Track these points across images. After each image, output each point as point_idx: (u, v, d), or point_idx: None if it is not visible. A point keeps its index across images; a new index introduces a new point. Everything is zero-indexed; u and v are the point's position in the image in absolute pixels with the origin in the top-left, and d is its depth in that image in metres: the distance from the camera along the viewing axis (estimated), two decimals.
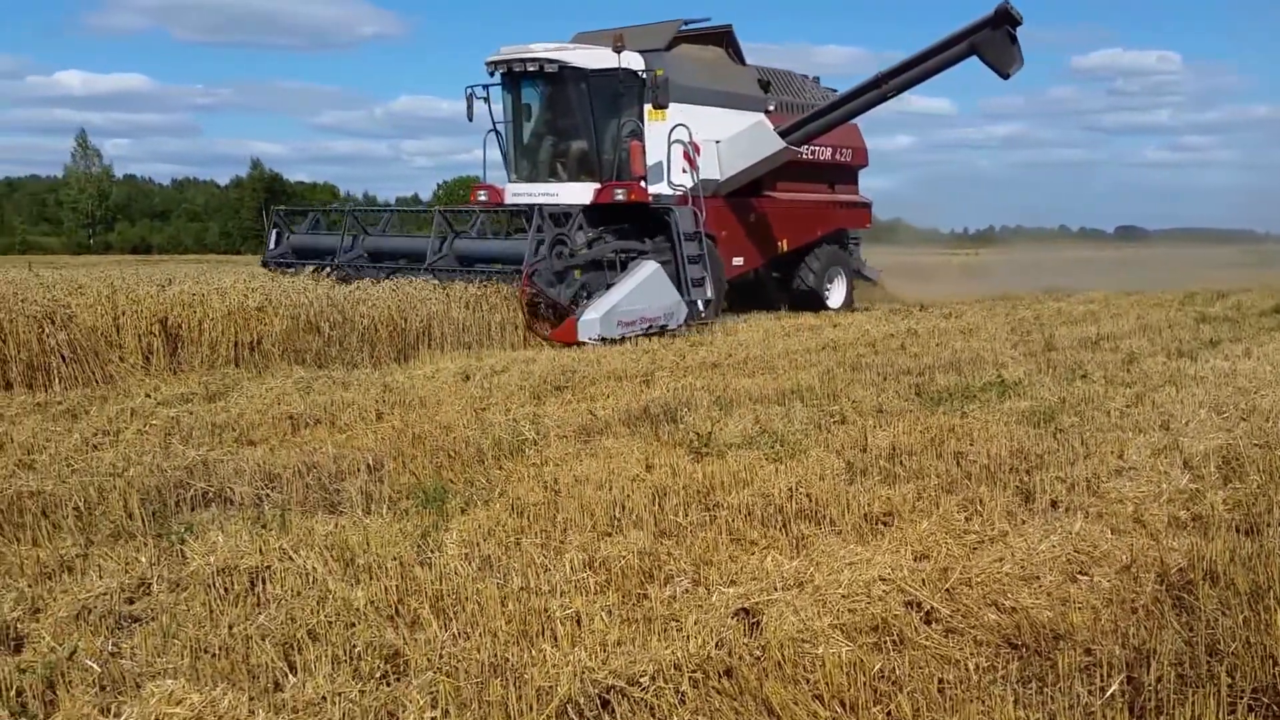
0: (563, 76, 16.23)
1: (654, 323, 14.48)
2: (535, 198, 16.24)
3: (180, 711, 3.35)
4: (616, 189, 15.88)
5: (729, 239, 17.83)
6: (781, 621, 4.01)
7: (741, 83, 18.71)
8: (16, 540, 5.27)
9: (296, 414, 8.29)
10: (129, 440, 7.52)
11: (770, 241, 18.96)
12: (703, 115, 17.18)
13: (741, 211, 18.28)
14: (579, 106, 16.50)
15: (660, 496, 5.73)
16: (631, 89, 16.27)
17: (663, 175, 16.59)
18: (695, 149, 16.86)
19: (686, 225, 15.96)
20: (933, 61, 16.43)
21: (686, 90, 16.87)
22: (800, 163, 18.94)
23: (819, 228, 20.05)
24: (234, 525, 5.25)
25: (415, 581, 4.51)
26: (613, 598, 4.36)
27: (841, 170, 20.82)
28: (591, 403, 8.84)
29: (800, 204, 19.56)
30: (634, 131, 16.37)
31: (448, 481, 6.31)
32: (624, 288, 14.25)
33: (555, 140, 17.21)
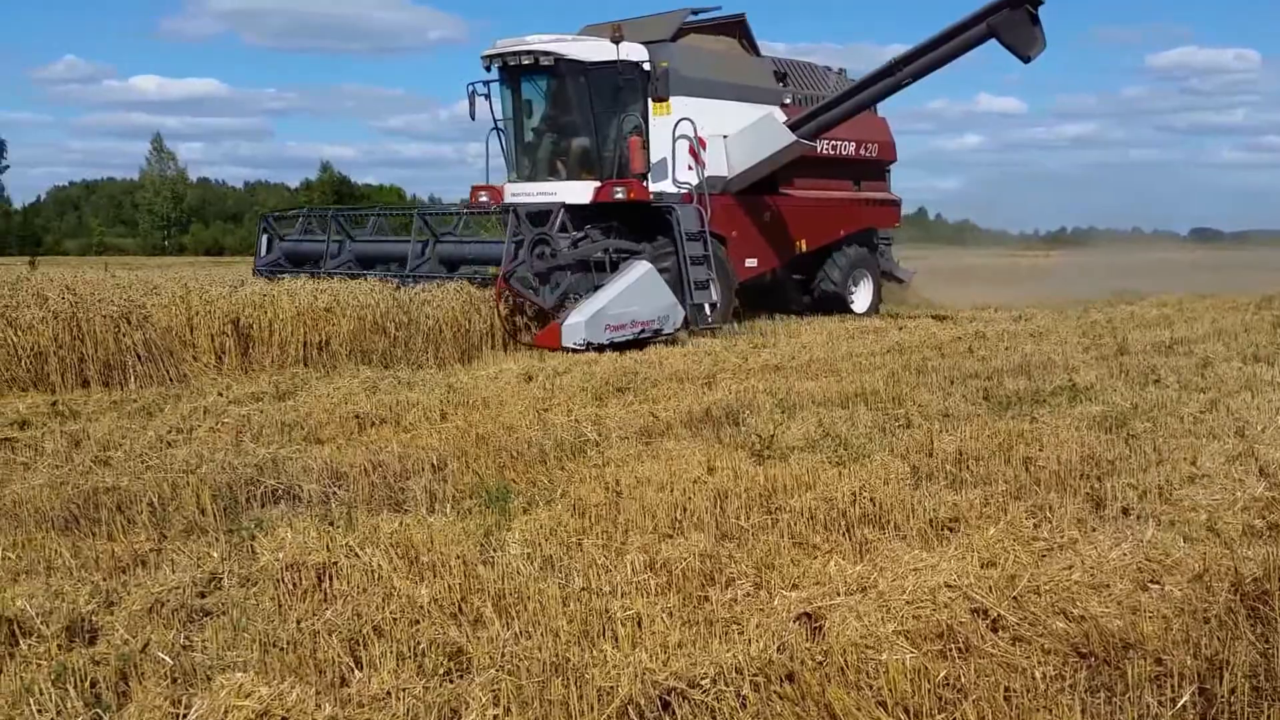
0: (559, 70, 15.66)
1: (647, 327, 13.61)
2: (533, 197, 15.68)
3: (249, 704, 3.41)
4: (616, 187, 15.25)
5: (741, 239, 16.93)
6: (844, 627, 3.97)
7: (755, 74, 17.73)
8: (93, 535, 5.40)
9: (363, 413, 8.40)
10: (202, 438, 7.69)
11: (787, 242, 17.94)
12: (712, 109, 16.36)
13: (754, 210, 17.27)
14: (578, 101, 15.87)
15: (722, 499, 5.71)
16: (632, 82, 15.55)
17: (667, 172, 15.86)
18: (701, 144, 16.07)
19: (690, 224, 15.27)
20: (949, 46, 15.31)
21: (693, 83, 16.12)
22: (820, 158, 18.05)
23: (842, 227, 18.98)
24: (302, 522, 5.34)
25: (478, 580, 4.55)
26: (674, 599, 4.36)
27: (867, 166, 19.69)
28: (653, 404, 8.85)
29: (821, 202, 18.50)
30: (635, 127, 15.67)
31: (510, 481, 6.36)
32: (612, 289, 13.36)
33: (555, 137, 16.59)
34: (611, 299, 13.17)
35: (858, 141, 19.06)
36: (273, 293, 12.02)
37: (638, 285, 13.56)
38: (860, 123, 18.48)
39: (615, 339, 13.01)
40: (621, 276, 13.60)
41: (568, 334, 12.64)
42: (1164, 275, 26.66)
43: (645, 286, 13.68)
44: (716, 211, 15.91)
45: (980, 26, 14.94)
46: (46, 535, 5.30)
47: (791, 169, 17.52)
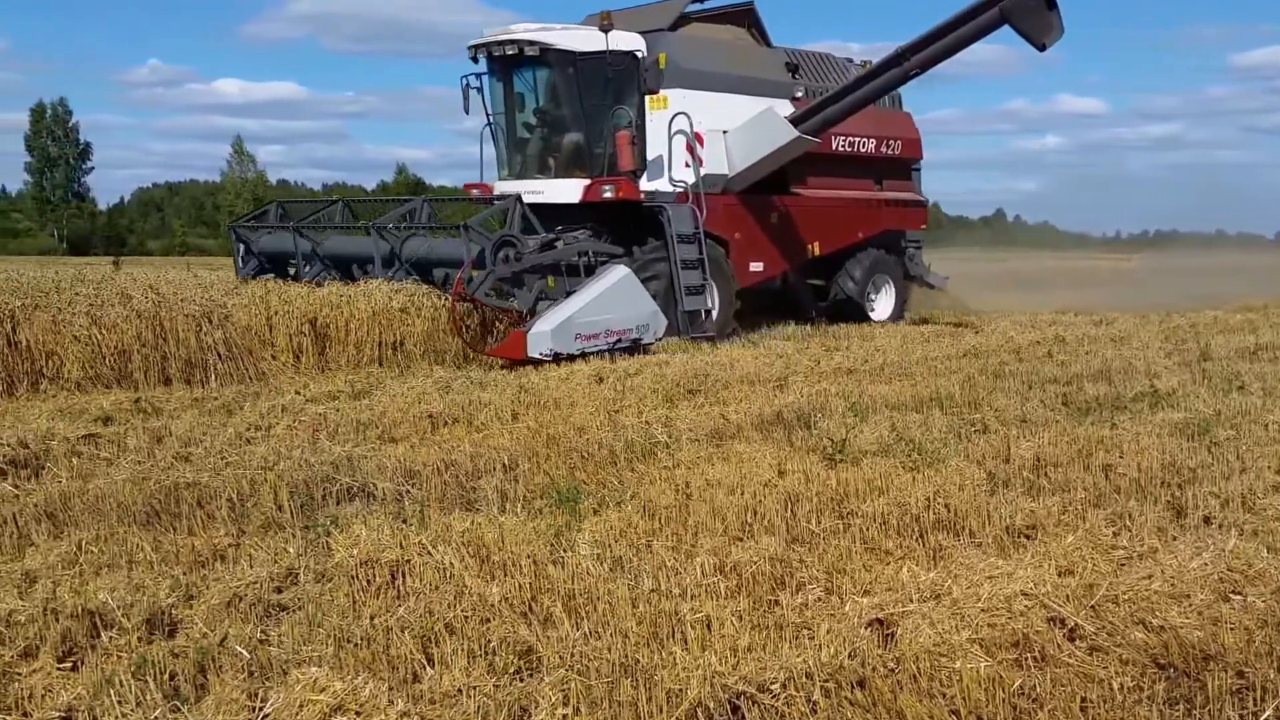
0: (547, 60, 14.70)
1: (623, 336, 12.54)
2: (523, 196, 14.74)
3: (324, 699, 3.47)
4: (604, 186, 14.35)
5: (744, 242, 15.84)
6: (917, 634, 3.92)
7: (764, 66, 16.57)
8: (173, 529, 5.53)
9: (436, 413, 8.50)
10: (279, 435, 7.83)
11: (798, 245, 16.75)
12: (714, 103, 15.33)
13: (760, 211, 16.15)
14: (567, 94, 14.99)
15: (793, 503, 5.67)
16: (625, 73, 14.56)
17: (663, 170, 14.92)
18: (699, 140, 15.07)
19: (683, 226, 14.33)
20: (959, 33, 14.12)
21: (693, 74, 15.14)
22: (836, 155, 16.95)
23: (860, 229, 17.67)
24: (376, 520, 5.41)
25: (548, 580, 4.57)
26: (743, 603, 4.34)
27: (890, 164, 18.33)
28: (724, 407, 8.82)
29: (836, 202, 17.24)
30: (625, 121, 14.71)
31: (580, 482, 6.38)
32: (584, 296, 12.33)
33: (546, 132, 15.68)
34: (582, 306, 12.19)
35: (878, 138, 17.91)
36: (349, 293, 12.20)
37: (613, 291, 12.55)
38: (881, 118, 17.64)
39: (587, 349, 12.07)
40: (595, 282, 12.63)
41: (533, 343, 11.68)
42: (1248, 279, 25.88)
43: (621, 293, 12.66)
44: (716, 212, 15.18)
45: (992, 11, 13.73)
46: (128, 530, 5.43)
47: (805, 167, 16.56)
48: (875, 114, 17.49)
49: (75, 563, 4.92)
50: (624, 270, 12.94)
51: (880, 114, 17.83)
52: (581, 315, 12.09)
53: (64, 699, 3.57)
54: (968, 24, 14.05)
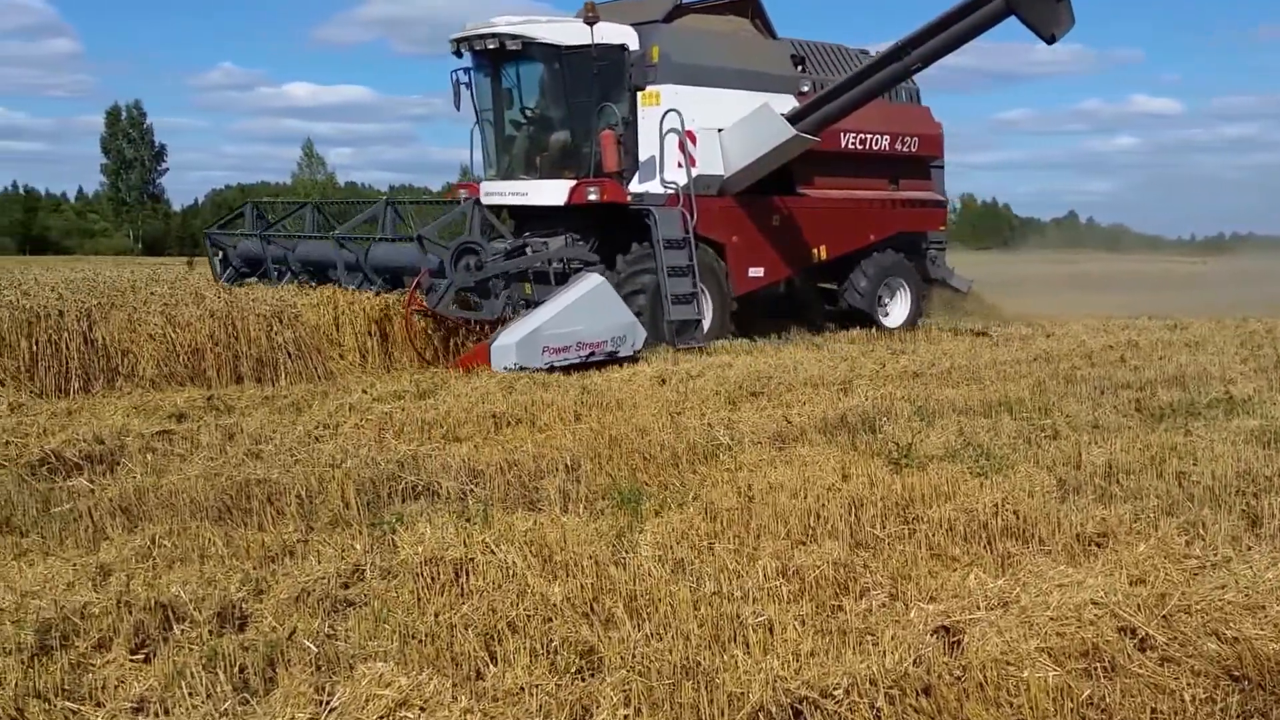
0: (531, 55, 14.00)
1: (597, 349, 11.80)
2: (506, 198, 14.40)
3: (389, 694, 3.50)
4: (589, 187, 13.60)
5: (742, 246, 14.95)
6: (984, 642, 3.86)
7: (767, 59, 15.59)
8: (244, 525, 5.63)
9: (499, 413, 8.56)
10: (347, 433, 7.94)
11: (802, 248, 15.77)
12: (712, 99, 14.47)
13: (760, 213, 15.25)
14: (552, 90, 14.37)
15: (857, 507, 5.62)
16: (612, 68, 13.82)
17: (655, 170, 14.09)
18: (691, 139, 14.19)
19: (671, 230, 13.52)
20: (962, 25, 13.24)
21: (689, 69, 14.30)
22: (847, 154, 15.99)
23: (872, 231, 16.57)
24: (441, 518, 5.46)
25: (610, 580, 4.58)
26: (806, 607, 4.31)
27: (905, 163, 17.18)
28: (787, 409, 8.77)
29: (845, 203, 16.22)
30: (609, 119, 13.93)
31: (642, 484, 6.38)
32: (553, 306, 11.65)
33: (532, 131, 14.97)
34: (550, 317, 11.49)
35: (893, 135, 16.76)
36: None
37: (584, 301, 11.80)
38: (897, 113, 16.83)
39: (556, 363, 11.36)
40: (565, 291, 11.94)
41: (497, 356, 11.11)
42: None
43: (594, 302, 11.88)
44: (712, 215, 14.44)
45: (997, 2, 12.88)
46: (201, 524, 5.55)
47: (811, 167, 15.62)
48: (890, 109, 16.73)
49: (149, 556, 5.03)
50: (597, 278, 12.20)
51: (896, 109, 16.96)
52: (550, 326, 11.41)
53: (136, 690, 3.65)
54: (971, 15, 13.25)
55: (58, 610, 4.26)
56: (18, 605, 4.36)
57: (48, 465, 6.84)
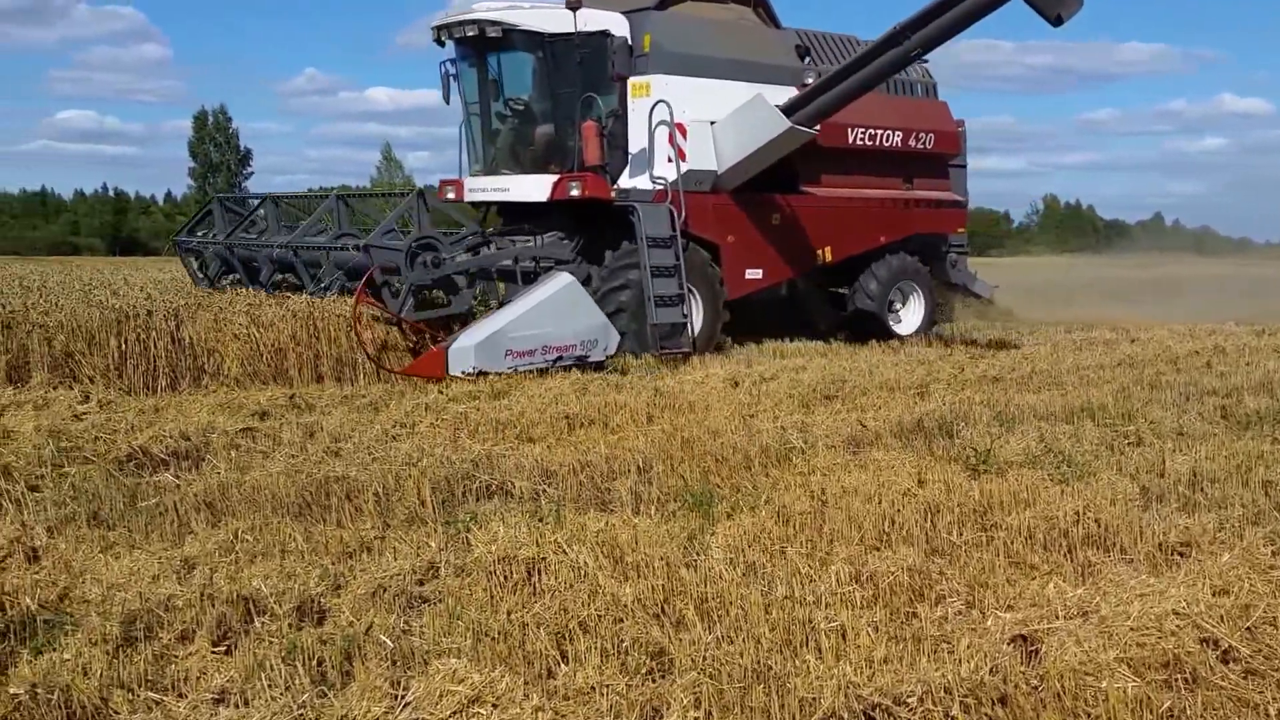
0: (513, 43, 13.33)
1: (565, 353, 11.23)
2: (488, 194, 13.92)
3: (462, 690, 3.54)
4: (571, 182, 12.89)
5: (739, 246, 14.06)
6: (1063, 651, 3.78)
7: (769, 49, 14.70)
8: (323, 521, 5.74)
9: (572, 414, 8.60)
10: (423, 433, 8.05)
11: (805, 250, 14.81)
12: (706, 90, 13.62)
13: (759, 211, 14.34)
14: (536, 80, 13.72)
15: (933, 513, 5.55)
16: (595, 57, 13.05)
17: (646, 165, 13.32)
18: (681, 131, 13.38)
19: (656, 228, 12.67)
20: (963, 7, 12.34)
21: (682, 59, 13.49)
22: (856, 150, 15.13)
23: (882, 233, 15.59)
24: (514, 517, 5.51)
25: (681, 582, 4.58)
26: (880, 613, 4.26)
27: (920, 160, 16.16)
28: (862, 413, 8.68)
29: (854, 202, 15.30)
30: (592, 110, 13.21)
31: (714, 486, 6.37)
32: (517, 307, 11.12)
33: (516, 123, 14.25)
34: (514, 319, 10.94)
35: (906, 131, 15.73)
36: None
37: (552, 302, 11.24)
38: (911, 108, 15.96)
39: (520, 367, 10.81)
40: (532, 291, 11.39)
41: (455, 360, 10.54)
42: None
43: (563, 304, 11.32)
44: (705, 212, 13.65)
45: None
46: (282, 520, 5.66)
47: (817, 163, 14.80)
48: (904, 104, 15.97)
49: (232, 551, 5.15)
50: (566, 278, 11.66)
51: (910, 103, 16.13)
52: (513, 329, 10.86)
53: (218, 681, 3.74)
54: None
55: (143, 602, 4.38)
56: (104, 597, 4.49)
57: (135, 461, 7.03)
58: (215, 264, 14.61)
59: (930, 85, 16.80)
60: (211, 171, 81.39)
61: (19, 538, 5.20)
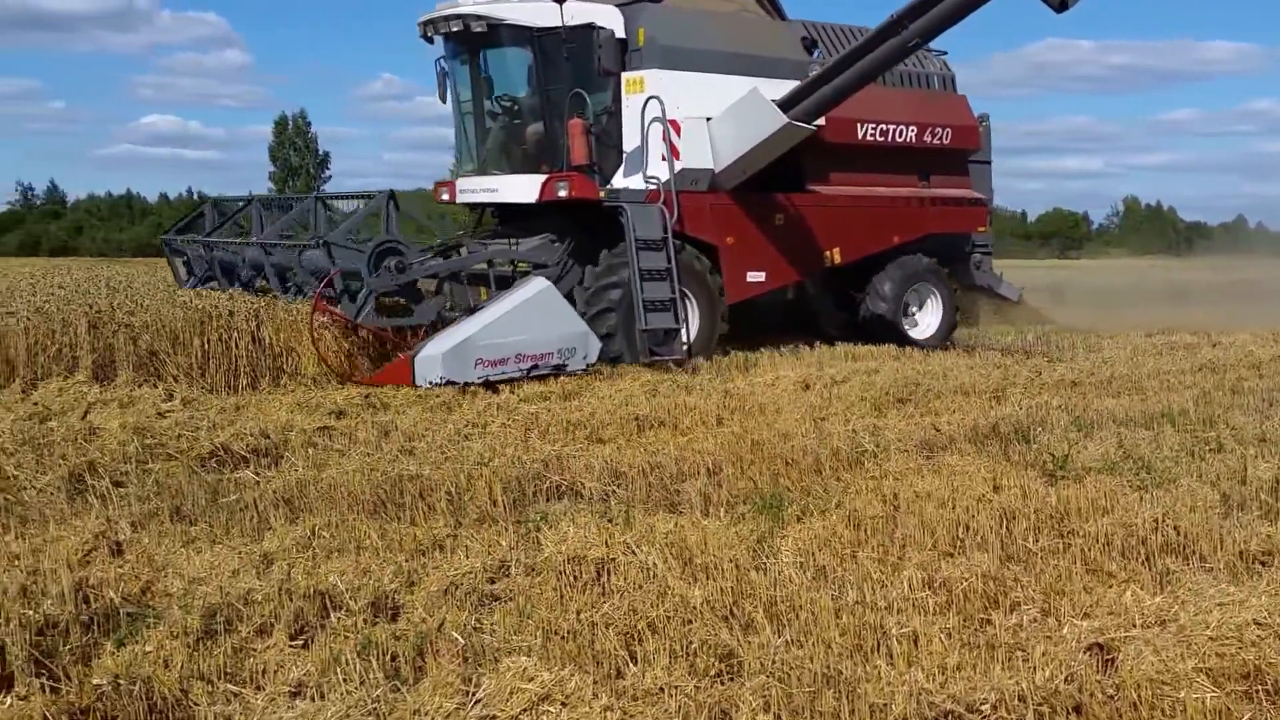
0: (499, 38, 12.89)
1: (541, 362, 10.69)
2: (478, 194, 13.52)
3: (532, 688, 3.58)
4: (559, 182, 12.43)
5: (739, 248, 13.42)
6: (1139, 660, 3.71)
7: (772, 42, 14.04)
8: (397, 519, 5.82)
9: (642, 415, 8.62)
10: (494, 433, 8.13)
11: (812, 251, 14.15)
12: (703, 85, 13.04)
13: (761, 211, 13.69)
14: (524, 76, 13.24)
15: (1008, 519, 5.46)
16: (583, 51, 12.55)
17: (640, 164, 12.79)
18: (675, 128, 12.82)
19: (646, 229, 12.15)
20: None
21: (678, 53, 12.95)
22: (865, 146, 14.46)
23: (896, 232, 14.85)
24: (583, 517, 5.54)
25: (750, 585, 4.57)
26: (953, 620, 4.21)
27: (937, 156, 15.41)
28: (936, 417, 8.58)
29: (864, 201, 14.59)
30: (581, 107, 12.72)
31: (784, 489, 6.34)
32: (488, 313, 10.64)
33: (506, 121, 13.80)
34: (484, 326, 10.45)
35: (920, 125, 15.02)
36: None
37: (527, 308, 10.73)
38: (927, 102, 15.33)
39: (492, 376, 10.33)
40: (505, 297, 10.91)
41: (421, 369, 10.11)
42: None
43: (538, 310, 10.81)
44: (702, 213, 13.09)
45: None
46: (357, 517, 5.76)
47: (824, 161, 14.19)
48: (918, 97, 15.39)
49: (309, 547, 5.25)
50: (542, 283, 11.15)
51: (925, 97, 15.52)
52: (484, 336, 10.39)
53: (294, 674, 3.81)
54: None
55: (223, 596, 4.49)
56: (185, 591, 4.61)
57: (216, 458, 7.20)
58: (202, 265, 14.09)
59: (948, 78, 16.18)
60: (291, 175, 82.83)
61: (104, 532, 5.36)
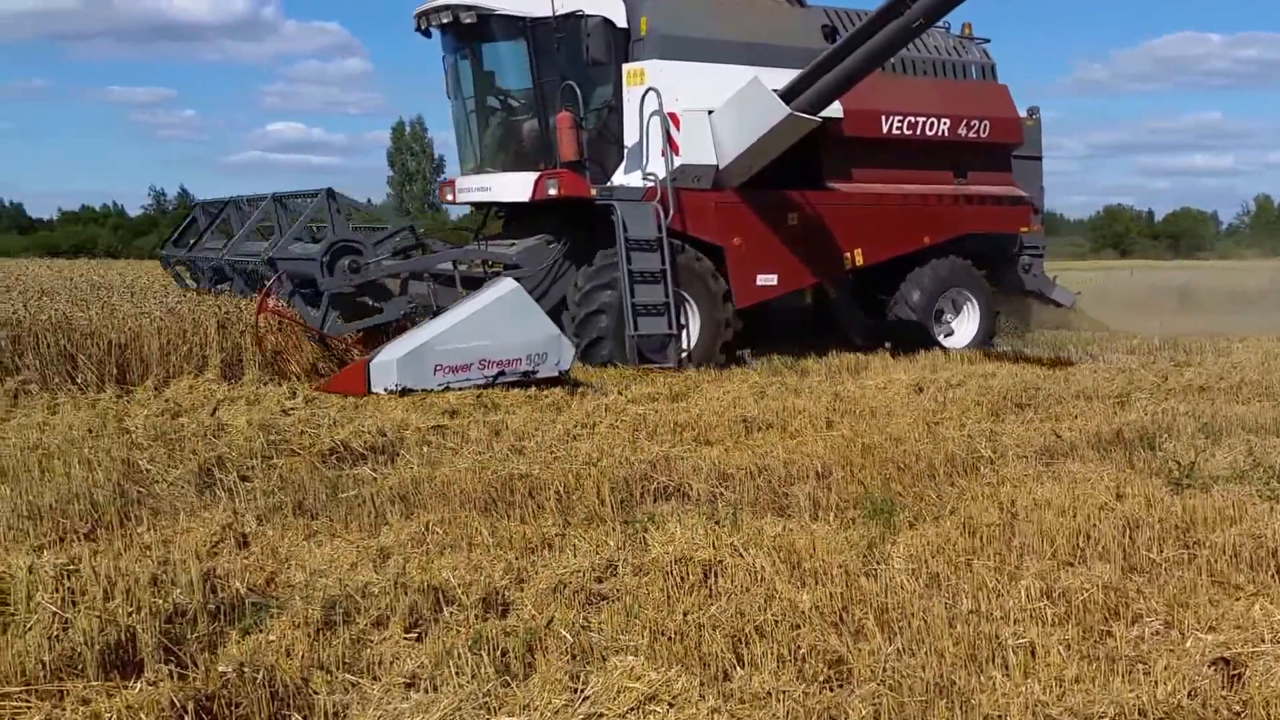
0: (490, 30, 12.38)
1: (508, 368, 10.11)
2: (473, 193, 13.18)
3: (639, 687, 3.59)
4: (549, 180, 11.96)
5: (748, 249, 12.68)
6: (1268, 676, 3.56)
7: (789, 30, 13.13)
8: (507, 516, 5.90)
9: (750, 417, 8.58)
10: (602, 433, 8.18)
11: (830, 253, 13.30)
12: (709, 76, 12.33)
13: (772, 210, 12.90)
14: (520, 69, 12.65)
15: (1131, 529, 5.28)
16: (574, 42, 12.04)
17: (641, 160, 12.32)
18: (674, 122, 12.20)
19: (640, 229, 11.57)
20: None
21: (682, 42, 12.31)
22: (892, 140, 13.63)
23: (926, 233, 13.94)
24: (690, 519, 5.53)
25: (860, 591, 4.51)
26: (1071, 631, 4.09)
27: (973, 151, 14.40)
28: (1056, 423, 8.35)
29: (889, 199, 13.69)
30: (570, 99, 12.16)
31: (896, 494, 6.24)
32: (450, 317, 10.13)
33: (504, 116, 13.35)
34: (444, 330, 9.94)
35: (955, 118, 14.06)
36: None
37: (491, 312, 10.15)
38: (962, 92, 14.44)
39: (454, 383, 9.78)
40: (470, 299, 10.38)
41: (378, 375, 9.61)
42: None
43: (504, 313, 10.21)
44: (705, 212, 12.45)
45: None
46: (469, 514, 5.85)
47: (845, 155, 13.42)
48: (953, 87, 14.49)
49: (423, 542, 5.36)
50: (509, 285, 10.53)
51: (961, 87, 14.61)
52: (443, 341, 9.87)
53: (409, 666, 3.90)
54: None
55: (342, 588, 4.61)
56: (307, 582, 4.75)
57: (336, 454, 7.40)
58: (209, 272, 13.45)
59: (988, 66, 15.20)
60: (408, 180, 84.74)
61: (231, 524, 5.57)
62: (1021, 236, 15.54)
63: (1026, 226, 15.44)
